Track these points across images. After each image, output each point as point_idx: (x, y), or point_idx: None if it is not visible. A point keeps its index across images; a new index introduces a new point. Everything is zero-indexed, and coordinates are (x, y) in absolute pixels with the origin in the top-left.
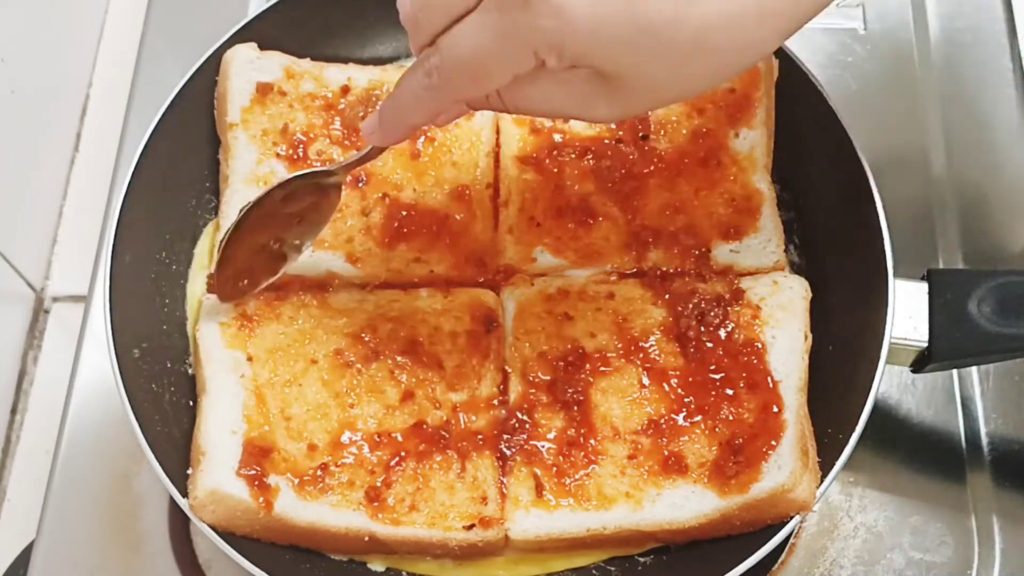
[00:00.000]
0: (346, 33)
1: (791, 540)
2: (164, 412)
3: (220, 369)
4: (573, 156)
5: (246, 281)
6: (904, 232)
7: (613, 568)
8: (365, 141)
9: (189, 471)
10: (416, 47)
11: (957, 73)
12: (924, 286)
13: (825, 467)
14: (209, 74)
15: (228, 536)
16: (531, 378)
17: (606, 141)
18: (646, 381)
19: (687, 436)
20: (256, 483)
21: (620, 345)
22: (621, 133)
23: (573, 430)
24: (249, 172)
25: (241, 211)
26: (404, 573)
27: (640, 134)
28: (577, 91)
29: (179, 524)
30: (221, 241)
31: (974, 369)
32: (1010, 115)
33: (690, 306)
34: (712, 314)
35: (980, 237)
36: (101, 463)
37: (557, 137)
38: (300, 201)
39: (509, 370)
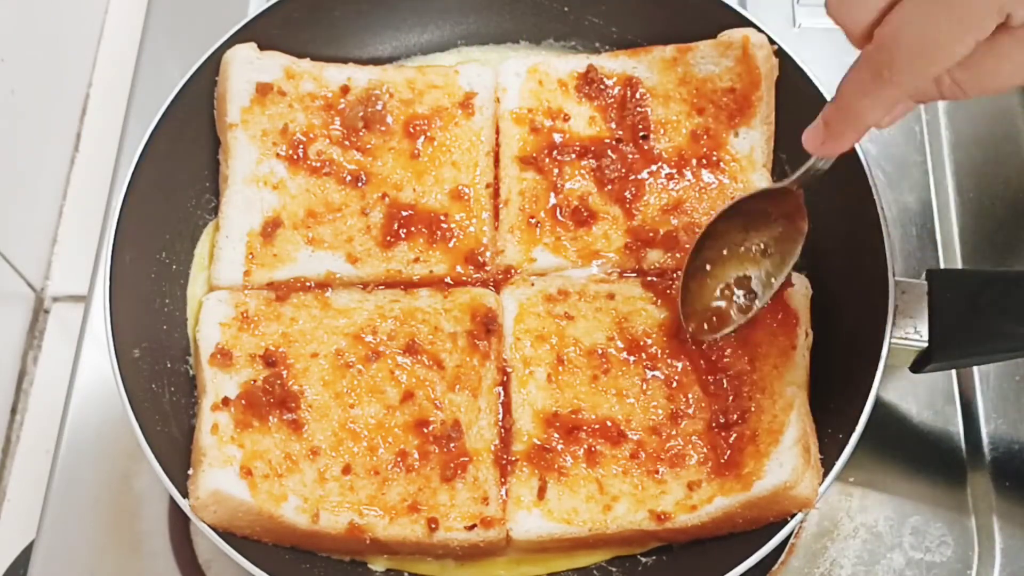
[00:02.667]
0: (346, 33)
1: (791, 540)
2: (164, 412)
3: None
4: (573, 156)
5: (715, 319)
6: (904, 232)
7: (615, 568)
8: (812, 152)
9: (189, 471)
10: (855, 42)
11: None
12: (924, 286)
13: (826, 466)
14: (209, 74)
15: (228, 536)
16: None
17: (606, 141)
18: (647, 380)
19: (689, 434)
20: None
21: (621, 345)
22: (621, 133)
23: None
24: (249, 172)
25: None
26: (406, 573)
27: (640, 134)
28: None
29: (179, 524)
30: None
31: (974, 369)
32: (1010, 115)
33: None
34: None
35: (980, 237)
36: (101, 463)
37: (557, 137)
38: (763, 231)
39: (509, 370)
